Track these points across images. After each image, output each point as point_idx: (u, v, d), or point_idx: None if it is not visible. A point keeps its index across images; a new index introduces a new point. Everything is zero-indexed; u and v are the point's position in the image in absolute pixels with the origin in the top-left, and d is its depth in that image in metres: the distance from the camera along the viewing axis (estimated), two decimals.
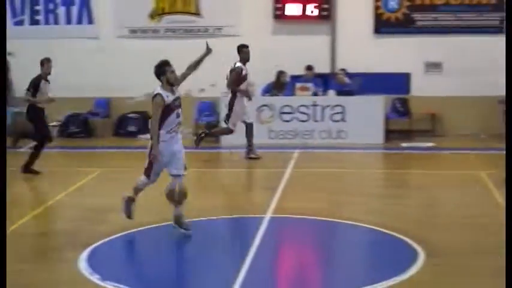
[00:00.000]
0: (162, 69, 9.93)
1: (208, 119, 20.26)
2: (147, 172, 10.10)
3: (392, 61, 20.14)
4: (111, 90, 20.84)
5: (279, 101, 19.28)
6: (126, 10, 21.14)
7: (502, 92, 19.46)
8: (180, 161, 10.04)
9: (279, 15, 20.79)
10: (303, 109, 18.84)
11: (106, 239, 10.08)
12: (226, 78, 16.57)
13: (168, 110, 9.84)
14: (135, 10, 21.19)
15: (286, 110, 19.05)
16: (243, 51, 16.44)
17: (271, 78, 20.07)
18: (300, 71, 19.71)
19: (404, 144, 18.61)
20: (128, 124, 21.11)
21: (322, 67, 20.07)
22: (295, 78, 19.67)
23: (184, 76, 10.24)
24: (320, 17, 20.69)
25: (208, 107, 20.61)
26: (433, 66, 20.35)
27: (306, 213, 11.55)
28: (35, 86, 15.10)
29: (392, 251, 9.79)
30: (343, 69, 19.87)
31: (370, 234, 10.62)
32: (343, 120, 18.53)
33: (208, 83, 19.47)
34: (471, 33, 20.32)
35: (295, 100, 19.16)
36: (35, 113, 15.22)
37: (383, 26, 20.64)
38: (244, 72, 16.36)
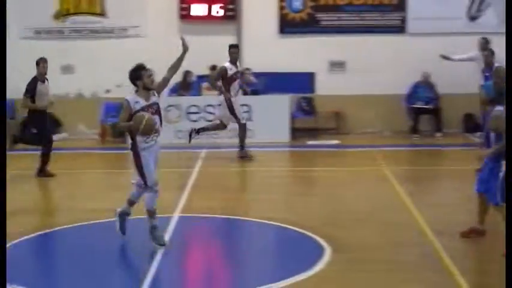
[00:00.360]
0: (138, 74, 9.33)
1: (114, 120, 20.02)
2: (144, 182, 9.42)
3: (297, 60, 20.28)
4: (17, 92, 20.38)
5: (185, 101, 19.22)
6: (30, 11, 20.76)
7: (403, 90, 19.97)
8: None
9: (185, 16, 20.72)
10: (209, 109, 18.80)
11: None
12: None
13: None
14: (39, 11, 20.83)
15: (193, 109, 19.00)
16: (231, 51, 16.48)
17: (178, 78, 20.00)
18: (207, 71, 19.69)
19: (310, 142, 18.78)
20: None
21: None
22: (202, 78, 19.64)
23: (166, 79, 9.70)
24: (226, 18, 20.71)
25: (114, 108, 20.38)
26: (337, 65, 20.58)
27: (214, 211, 11.54)
28: (31, 90, 14.52)
29: (299, 247, 9.84)
30: (248, 69, 19.92)
31: (278, 232, 10.66)
32: (249, 119, 18.58)
33: (115, 83, 19.26)
34: (374, 32, 20.62)
35: (202, 100, 19.14)
36: (37, 118, 14.73)
37: (288, 26, 20.78)
38: (230, 72, 16.28)
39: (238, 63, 16.57)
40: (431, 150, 18.29)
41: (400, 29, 20.58)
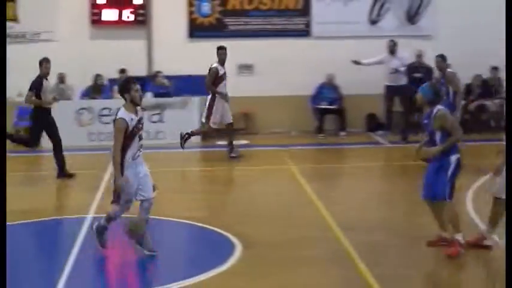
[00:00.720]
0: (127, 87, 8.88)
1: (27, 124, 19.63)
2: (116, 202, 9.03)
3: (206, 63, 20.07)
4: None
5: (98, 104, 19.01)
6: None
7: (309, 91, 20.15)
8: (147, 183, 9.00)
9: (96, 21, 20.48)
10: None
11: None
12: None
13: (131, 134, 8.80)
14: None
15: (105, 112, 18.78)
16: (219, 52, 16.52)
17: (89, 82, 19.80)
18: (117, 74, 19.53)
19: (220, 143, 18.77)
20: None
21: (139, 70, 19.92)
22: (113, 81, 19.45)
23: None
24: (136, 22, 20.56)
25: (27, 112, 19.98)
26: (245, 68, 20.66)
27: (128, 211, 11.43)
28: (37, 86, 14.35)
29: (211, 245, 9.87)
30: (159, 72, 19.84)
31: (191, 230, 10.66)
32: (161, 121, 18.48)
33: (27, 87, 18.87)
34: (280, 36, 20.76)
35: (114, 103, 18.91)
36: (42, 115, 14.53)
37: (197, 30, 20.76)
38: (220, 73, 16.30)
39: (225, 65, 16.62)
40: (336, 149, 18.53)
41: (305, 32, 20.78)
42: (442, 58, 15.62)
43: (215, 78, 16.33)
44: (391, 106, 19.44)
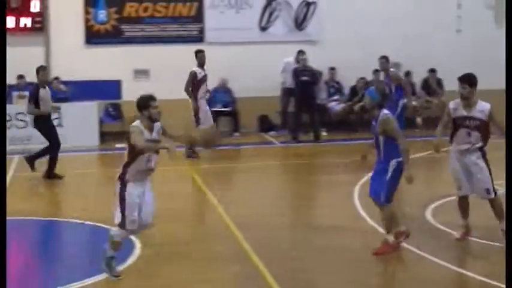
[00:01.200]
0: (147, 103, 8.24)
1: None
2: (122, 223, 8.16)
3: (104, 69, 20.01)
4: None
5: None
6: None
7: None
8: (149, 207, 8.41)
9: None
10: (21, 116, 18.20)
11: None
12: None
13: (140, 149, 8.05)
14: None
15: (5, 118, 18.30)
16: (198, 55, 16.33)
17: None
18: (15, 80, 19.08)
19: (118, 145, 18.48)
20: None
21: None
22: (12, 87, 18.96)
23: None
24: (33, 29, 20.10)
25: None
26: (141, 73, 20.47)
27: (24, 214, 11.17)
28: (35, 96, 13.82)
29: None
30: (57, 78, 19.48)
31: (89, 230, 10.50)
32: (60, 125, 18.09)
33: None
34: (174, 42, 20.66)
35: (14, 108, 18.49)
36: (43, 122, 14.10)
37: (94, 37, 20.44)
38: (200, 76, 16.11)
39: (205, 67, 16.43)
40: (231, 150, 18.53)
41: (198, 38, 20.75)
42: (385, 59, 15.76)
43: (195, 82, 16.23)
44: (287, 107, 19.77)
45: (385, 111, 8.89)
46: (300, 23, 21.19)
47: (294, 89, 19.34)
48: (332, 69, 20.97)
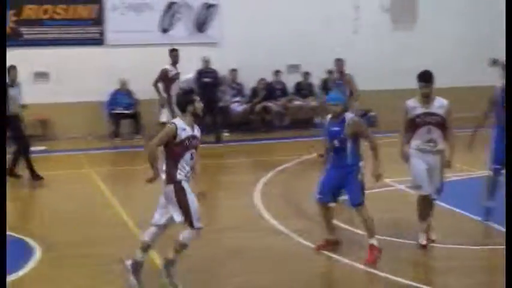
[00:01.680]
0: (191, 98, 7.75)
1: None
2: (189, 219, 7.78)
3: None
4: None
5: None
6: None
7: (104, 97, 19.90)
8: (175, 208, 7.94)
9: None
10: None
11: None
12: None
13: (181, 146, 7.66)
14: None
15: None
16: (171, 54, 16.33)
17: None
18: None
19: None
20: None
21: None
22: None
23: None
24: None
25: None
26: (41, 76, 20.08)
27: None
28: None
29: (10, 250, 9.48)
30: None
31: None
32: None
33: None
34: (75, 45, 20.37)
35: None
36: (10, 123, 13.31)
37: None
38: (171, 74, 16.03)
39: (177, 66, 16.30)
40: (132, 152, 18.37)
41: (99, 41, 20.52)
42: (341, 61, 15.70)
43: (166, 79, 16.05)
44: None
45: (349, 114, 8.88)
46: (201, 25, 21.22)
47: (197, 90, 19.30)
48: (233, 70, 21.07)
